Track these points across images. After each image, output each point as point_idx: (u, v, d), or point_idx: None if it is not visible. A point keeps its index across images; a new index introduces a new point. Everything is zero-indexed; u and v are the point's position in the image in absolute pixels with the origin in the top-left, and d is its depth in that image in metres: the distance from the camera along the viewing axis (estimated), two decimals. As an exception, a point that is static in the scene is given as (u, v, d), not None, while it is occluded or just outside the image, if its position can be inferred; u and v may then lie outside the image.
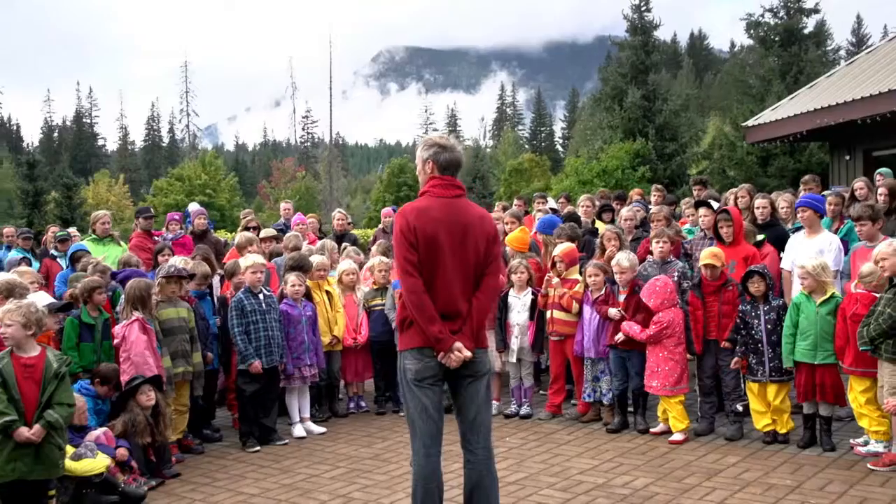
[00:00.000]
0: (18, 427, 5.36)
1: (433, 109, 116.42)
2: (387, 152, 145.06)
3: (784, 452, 7.11)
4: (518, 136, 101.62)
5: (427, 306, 4.74)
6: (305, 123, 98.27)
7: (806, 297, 7.17)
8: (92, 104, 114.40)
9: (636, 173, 29.56)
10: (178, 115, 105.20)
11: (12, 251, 12.21)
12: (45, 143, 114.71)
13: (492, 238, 5.06)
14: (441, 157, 4.98)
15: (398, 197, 51.72)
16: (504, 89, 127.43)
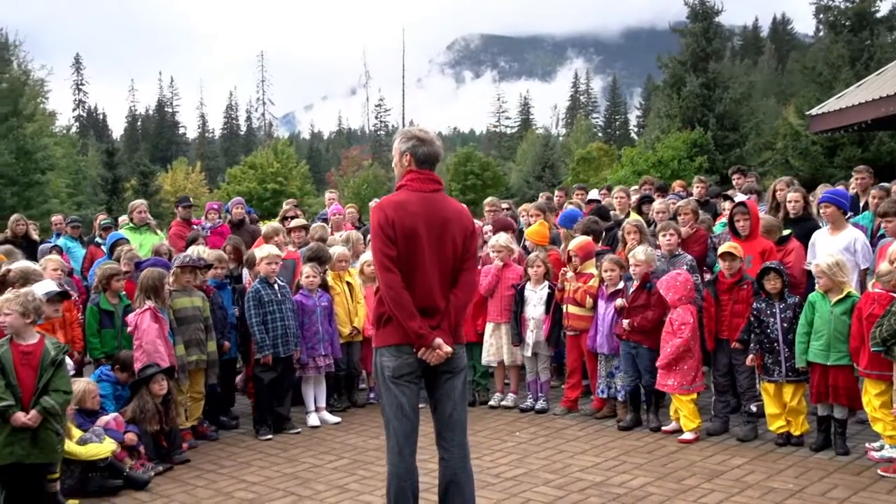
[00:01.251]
0: (15, 412, 5.54)
1: (506, 98, 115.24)
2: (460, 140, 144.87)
3: (794, 455, 6.91)
4: (591, 125, 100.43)
5: (406, 302, 4.69)
6: (378, 112, 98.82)
7: (821, 296, 6.94)
8: (173, 93, 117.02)
9: (693, 164, 28.91)
10: (255, 104, 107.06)
11: (61, 238, 12.61)
12: (129, 131, 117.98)
13: (470, 233, 5.00)
14: (419, 150, 4.92)
15: (465, 186, 51.65)
16: (578, 77, 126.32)
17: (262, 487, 6.54)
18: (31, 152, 48.76)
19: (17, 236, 12.10)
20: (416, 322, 4.69)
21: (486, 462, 6.99)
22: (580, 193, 12.96)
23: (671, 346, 7.41)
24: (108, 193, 51.08)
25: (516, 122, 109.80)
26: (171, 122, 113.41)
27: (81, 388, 6.88)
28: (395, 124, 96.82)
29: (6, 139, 47.81)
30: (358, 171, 59.86)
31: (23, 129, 48.76)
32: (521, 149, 79.27)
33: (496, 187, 51.75)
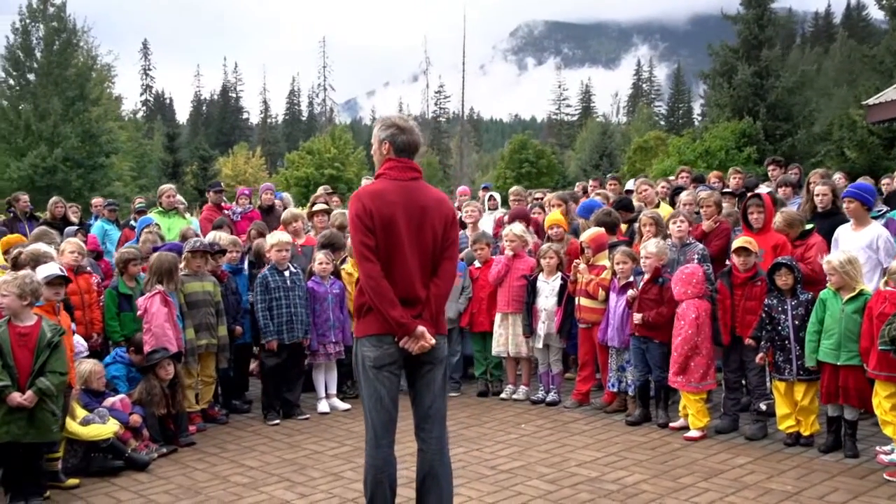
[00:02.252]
0: (11, 392, 5.67)
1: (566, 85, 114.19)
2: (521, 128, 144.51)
3: (801, 456, 6.73)
4: (653, 113, 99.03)
5: (386, 291, 4.65)
6: (438, 98, 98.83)
7: (833, 294, 6.73)
8: (237, 79, 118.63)
9: (741, 154, 28.25)
10: (317, 90, 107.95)
11: (98, 221, 12.87)
12: (194, 116, 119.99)
13: (450, 221, 4.92)
14: (399, 138, 4.86)
15: (519, 174, 51.42)
16: (641, 64, 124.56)
17: (259, 472, 6.60)
18: (95, 136, 49.95)
19: (56, 218, 12.39)
20: (398, 311, 4.64)
21: (486, 454, 6.95)
22: (613, 184, 12.77)
23: (677, 346, 7.26)
24: (168, 177, 52.05)
25: (577, 110, 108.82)
26: (234, 107, 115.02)
27: (87, 369, 7.03)
28: (454, 111, 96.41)
29: (72, 123, 49.05)
30: (413, 157, 60.03)
31: (88, 114, 49.96)
32: (580, 137, 78.62)
33: (551, 175, 51.43)
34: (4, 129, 49.82)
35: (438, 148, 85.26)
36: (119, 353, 7.92)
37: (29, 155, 47.84)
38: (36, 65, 52.16)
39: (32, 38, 52.11)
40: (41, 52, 52.11)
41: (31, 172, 46.88)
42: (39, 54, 52.24)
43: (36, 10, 51.99)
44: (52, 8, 52.33)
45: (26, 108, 50.23)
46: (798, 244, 7.87)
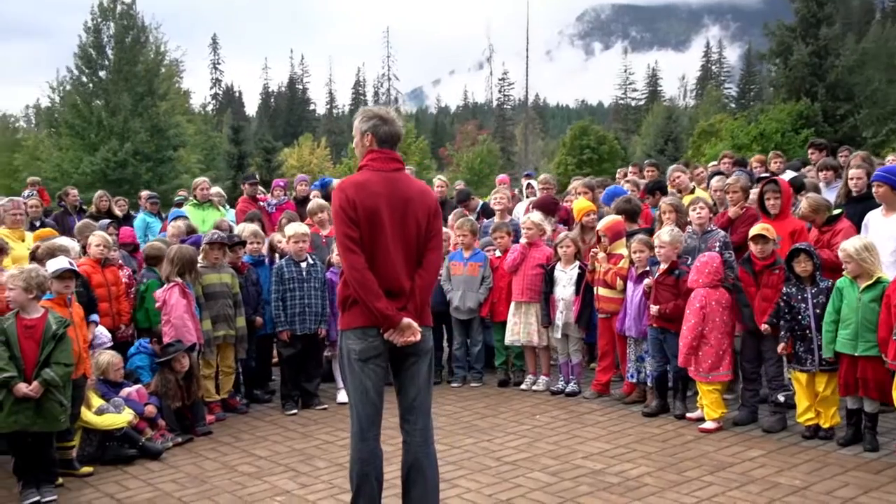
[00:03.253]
0: (17, 383, 5.82)
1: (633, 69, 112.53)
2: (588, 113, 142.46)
3: (817, 450, 6.52)
4: (722, 95, 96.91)
5: (371, 283, 4.62)
6: (502, 86, 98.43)
7: (850, 282, 6.51)
8: (304, 71, 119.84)
9: (798, 137, 27.39)
10: (381, 80, 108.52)
11: (141, 214, 13.15)
12: (263, 108, 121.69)
13: (433, 212, 4.89)
14: (381, 129, 4.84)
15: (580, 160, 50.92)
16: (710, 46, 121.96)
17: (267, 462, 6.68)
18: (163, 130, 51.12)
19: (101, 212, 12.69)
20: (383, 303, 4.62)
21: (495, 445, 6.91)
22: (651, 170, 12.53)
23: (683, 334, 7.11)
24: (234, 168, 52.95)
25: (643, 94, 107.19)
26: (301, 98, 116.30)
27: (106, 361, 7.19)
28: (519, 98, 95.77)
29: (141, 118, 50.30)
30: (472, 145, 59.93)
31: (156, 108, 51.16)
32: (646, 121, 77.51)
33: (613, 161, 50.81)
34: (78, 126, 51.33)
35: (502, 135, 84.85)
36: (142, 343, 8.09)
37: (101, 149, 49.22)
38: (107, 62, 53.59)
39: (103, 37, 53.53)
40: (112, 49, 53.51)
41: (103, 166, 48.25)
42: (110, 52, 53.65)
43: (107, 9, 53.36)
44: (121, 6, 53.63)
45: (98, 104, 51.68)
46: (825, 230, 7.63)
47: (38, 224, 12.08)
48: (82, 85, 52.83)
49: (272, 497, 5.91)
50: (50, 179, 49.80)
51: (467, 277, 8.80)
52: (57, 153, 49.17)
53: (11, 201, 9.24)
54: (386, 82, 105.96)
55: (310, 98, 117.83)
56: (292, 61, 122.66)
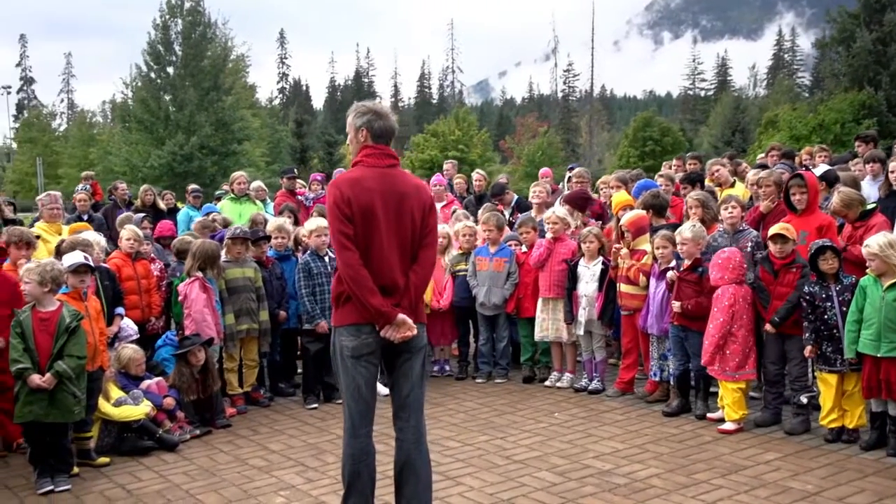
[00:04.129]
0: (31, 374, 5.97)
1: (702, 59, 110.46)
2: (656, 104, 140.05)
3: (838, 454, 6.30)
4: (795, 84, 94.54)
5: (365, 280, 4.61)
6: (567, 77, 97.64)
7: (873, 280, 6.27)
8: (369, 64, 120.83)
9: (860, 127, 26.44)
10: (446, 72, 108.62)
11: (185, 207, 13.37)
12: (329, 101, 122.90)
13: (428, 208, 4.85)
14: (376, 124, 4.81)
15: (643, 153, 50.25)
16: (782, 33, 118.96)
17: (278, 456, 6.72)
18: (228, 124, 52.02)
19: (146, 206, 12.94)
20: (378, 300, 4.61)
21: (508, 443, 6.84)
22: (693, 163, 12.27)
23: (710, 332, 6.94)
24: (296, 162, 53.64)
25: (712, 84, 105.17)
26: (367, 92, 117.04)
27: (127, 355, 7.33)
28: (584, 90, 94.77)
29: (207, 112, 51.29)
30: (533, 138, 59.53)
31: (221, 103, 52.11)
32: (714, 112, 76.08)
33: (676, 153, 49.99)
34: (147, 120, 52.51)
35: (567, 127, 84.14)
36: (169, 335, 8.24)
37: (168, 143, 50.34)
38: (174, 58, 54.72)
39: (171, 33, 54.68)
40: (179, 45, 54.62)
41: (170, 160, 49.36)
42: (178, 48, 54.77)
43: (175, 7, 54.47)
44: (189, 3, 54.68)
45: (166, 99, 52.83)
46: (858, 225, 7.37)
47: (86, 218, 12.40)
48: (151, 81, 54.05)
49: (276, 491, 5.95)
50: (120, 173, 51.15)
51: (493, 273, 8.73)
52: (126, 147, 50.38)
53: (49, 196, 9.49)
54: (450, 75, 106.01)
55: (375, 91, 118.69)
56: (358, 55, 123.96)
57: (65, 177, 58.94)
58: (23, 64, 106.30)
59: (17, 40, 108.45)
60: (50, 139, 71.11)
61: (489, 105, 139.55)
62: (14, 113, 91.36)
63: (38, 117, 76.75)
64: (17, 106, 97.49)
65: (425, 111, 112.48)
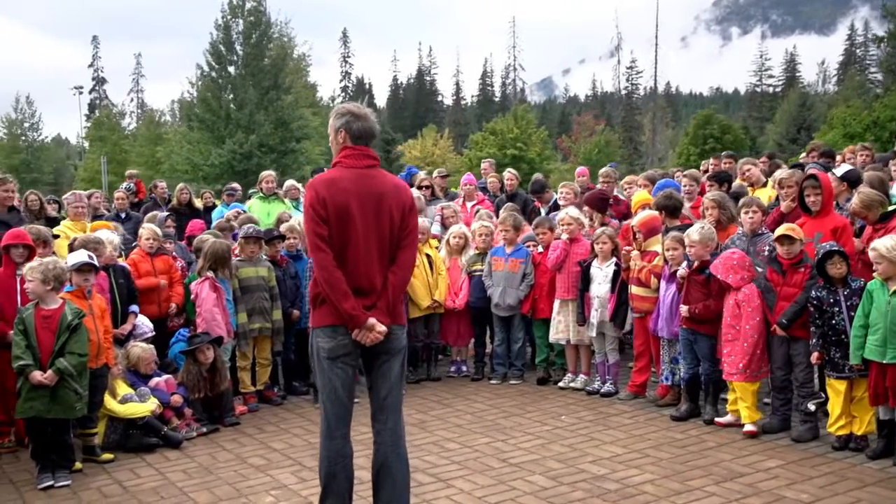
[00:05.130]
0: (33, 371, 6.11)
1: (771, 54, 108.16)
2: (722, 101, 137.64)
3: (842, 462, 6.10)
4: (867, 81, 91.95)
5: (338, 281, 4.63)
6: (630, 74, 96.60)
7: (881, 284, 6.05)
8: (431, 62, 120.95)
9: (918, 126, 25.62)
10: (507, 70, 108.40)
11: (218, 207, 13.56)
12: (392, 100, 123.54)
13: (408, 209, 4.83)
14: (354, 126, 4.82)
15: (703, 150, 49.39)
16: (855, 28, 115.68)
17: (278, 455, 6.77)
18: (287, 122, 52.69)
19: (182, 204, 13.16)
20: (349, 302, 4.61)
21: (507, 446, 6.78)
22: (728, 162, 12.01)
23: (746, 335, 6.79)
24: (354, 160, 53.83)
25: (780, 81, 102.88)
26: (429, 90, 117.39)
27: (136, 354, 7.44)
28: (648, 87, 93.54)
29: (266, 111, 52.03)
30: (590, 136, 59.01)
31: (281, 102, 52.82)
32: (780, 109, 74.46)
33: (738, 150, 49.14)
34: (208, 119, 53.40)
35: (630, 125, 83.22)
36: (183, 333, 8.34)
37: (228, 142, 51.14)
38: (235, 57, 55.58)
39: (232, 33, 55.56)
40: (240, 45, 55.45)
41: (230, 158, 50.17)
42: (239, 48, 55.60)
43: (236, 7, 55.33)
44: (250, 4, 55.49)
45: (226, 98, 53.69)
46: (878, 227, 7.12)
47: (124, 216, 12.67)
48: (212, 80, 55.00)
49: (268, 491, 5.98)
50: (182, 172, 52.19)
51: (508, 274, 8.66)
52: (188, 146, 51.34)
53: (74, 195, 9.71)
54: (511, 73, 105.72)
55: (437, 89, 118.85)
56: (420, 53, 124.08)
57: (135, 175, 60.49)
58: (95, 64, 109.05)
59: (90, 42, 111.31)
60: (119, 138, 72.75)
61: (552, 103, 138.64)
62: (86, 112, 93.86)
63: (108, 116, 78.64)
64: (89, 106, 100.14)
65: (487, 109, 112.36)
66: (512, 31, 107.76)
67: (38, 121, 76.77)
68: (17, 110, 75.68)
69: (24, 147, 74.27)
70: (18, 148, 73.29)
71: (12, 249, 6.94)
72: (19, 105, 75.56)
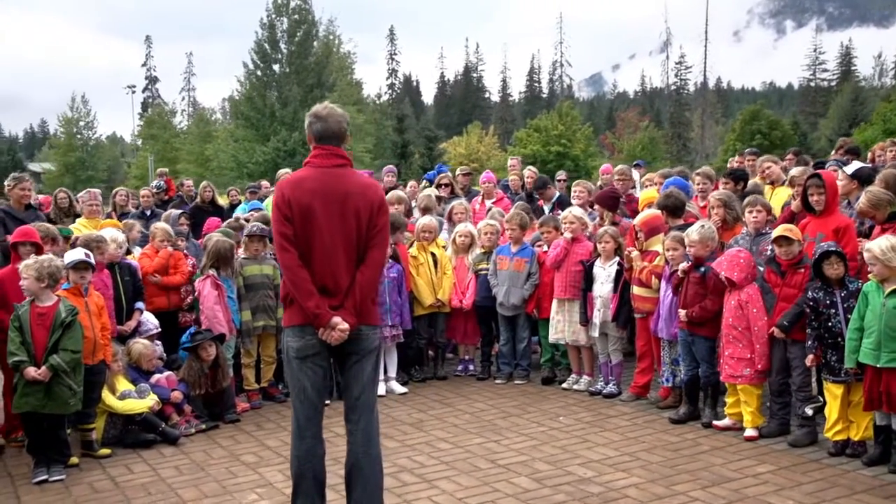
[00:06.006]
0: (27, 367, 6.22)
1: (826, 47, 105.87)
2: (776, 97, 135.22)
3: (836, 468, 5.95)
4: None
5: (302, 281, 4.68)
6: (679, 69, 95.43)
7: (876, 286, 5.88)
8: (478, 59, 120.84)
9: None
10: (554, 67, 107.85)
11: (242, 204, 13.69)
12: (439, 97, 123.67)
13: (376, 208, 4.82)
14: (315, 127, 4.89)
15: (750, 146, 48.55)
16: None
17: (271, 453, 6.81)
18: (330, 120, 53.03)
19: (205, 202, 13.34)
20: (313, 302, 4.66)
21: (500, 446, 6.74)
22: (752, 159, 11.79)
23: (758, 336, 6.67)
24: (397, 157, 54.23)
25: (835, 75, 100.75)
26: (475, 86, 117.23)
27: (138, 350, 7.55)
28: (698, 82, 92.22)
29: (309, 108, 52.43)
30: (634, 132, 58.38)
31: (323, 100, 53.11)
32: (834, 104, 72.99)
33: (785, 147, 48.25)
34: (253, 117, 53.93)
35: (678, 121, 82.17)
36: (192, 331, 8.43)
37: (272, 140, 51.65)
38: (280, 56, 56.07)
39: (277, 32, 56.06)
40: (285, 43, 55.94)
41: (273, 156, 50.69)
42: (283, 46, 56.09)
43: (281, 6, 55.81)
44: (294, 2, 55.92)
45: (271, 96, 54.21)
46: (886, 227, 6.91)
47: (149, 213, 12.86)
48: (257, 78, 55.54)
49: (253, 489, 6.03)
50: (228, 169, 52.82)
51: (512, 273, 8.60)
52: (234, 144, 51.92)
53: (88, 193, 9.87)
54: (558, 69, 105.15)
55: (484, 86, 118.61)
56: (467, 50, 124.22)
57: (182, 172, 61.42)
58: (148, 64, 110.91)
59: (143, 41, 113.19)
60: (170, 136, 73.93)
61: (600, 99, 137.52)
62: (139, 111, 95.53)
63: (160, 115, 79.98)
64: (142, 104, 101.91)
65: (534, 106, 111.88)
66: (559, 27, 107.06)
67: (92, 119, 78.28)
68: (73, 109, 77.26)
69: (80, 145, 75.78)
70: (74, 146, 74.81)
71: (20, 247, 7.09)
72: (75, 104, 77.18)
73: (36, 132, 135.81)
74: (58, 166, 74.25)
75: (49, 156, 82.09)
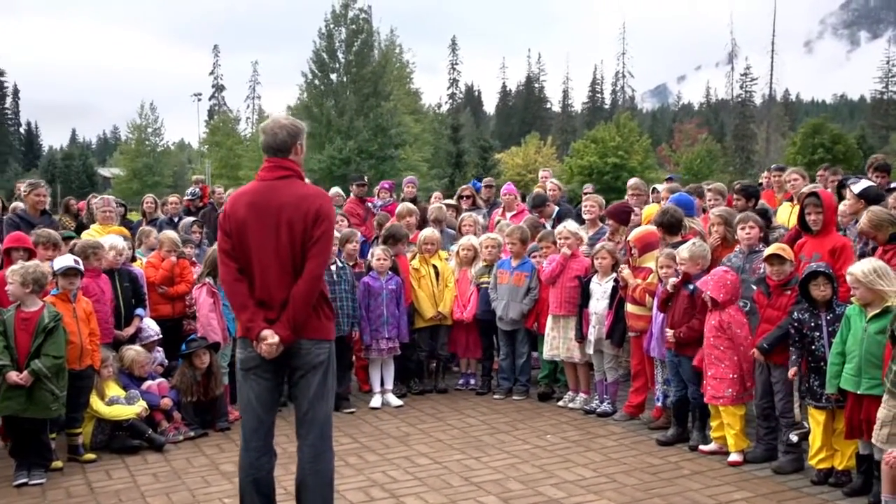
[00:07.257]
0: (9, 371, 6.34)
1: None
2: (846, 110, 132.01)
3: (815, 497, 5.74)
4: None
5: (236, 294, 4.77)
6: (744, 81, 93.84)
7: (859, 311, 5.66)
8: (540, 69, 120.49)
9: None
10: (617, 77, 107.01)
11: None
12: (500, 107, 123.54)
13: (311, 219, 4.71)
14: (261, 141, 4.96)
15: (811, 160, 47.50)
16: None
17: (251, 462, 6.81)
18: (386, 129, 53.39)
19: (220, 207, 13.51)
20: (245, 314, 4.73)
21: (479, 464, 6.65)
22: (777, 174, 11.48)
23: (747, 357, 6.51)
24: (452, 167, 54.29)
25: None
26: (537, 97, 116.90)
27: (130, 357, 7.63)
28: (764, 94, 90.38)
29: (366, 117, 52.86)
30: (692, 145, 57.51)
31: (380, 108, 53.58)
32: (906, 118, 70.84)
33: (849, 162, 47.10)
34: (309, 125, 54.44)
35: (743, 133, 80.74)
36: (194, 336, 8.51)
37: (328, 148, 52.16)
38: (337, 65, 56.61)
39: (335, 41, 56.62)
40: (342, 53, 56.46)
41: (329, 164, 51.18)
42: (341, 55, 56.61)
43: (339, 15, 56.39)
44: (352, 12, 56.43)
45: (328, 105, 54.75)
46: (888, 248, 6.67)
47: (177, 220, 13.04)
48: (315, 87, 56.14)
49: (222, 499, 6.05)
50: (284, 177, 53.36)
51: (511, 287, 8.50)
52: (289, 152, 52.57)
53: (102, 199, 10.04)
54: (620, 80, 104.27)
55: (545, 97, 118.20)
56: (529, 60, 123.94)
57: (244, 178, 62.35)
58: (215, 72, 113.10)
59: (211, 50, 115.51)
60: (234, 143, 75.14)
61: (664, 110, 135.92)
62: (206, 119, 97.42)
63: (225, 122, 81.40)
64: (208, 112, 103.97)
65: (595, 117, 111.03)
66: (622, 37, 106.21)
67: (160, 126, 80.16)
68: (142, 116, 79.22)
69: (147, 151, 77.62)
70: (142, 152, 76.69)
71: (13, 252, 7.24)
72: (143, 111, 79.13)
73: (108, 138, 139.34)
74: (126, 171, 76.12)
75: (119, 161, 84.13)
